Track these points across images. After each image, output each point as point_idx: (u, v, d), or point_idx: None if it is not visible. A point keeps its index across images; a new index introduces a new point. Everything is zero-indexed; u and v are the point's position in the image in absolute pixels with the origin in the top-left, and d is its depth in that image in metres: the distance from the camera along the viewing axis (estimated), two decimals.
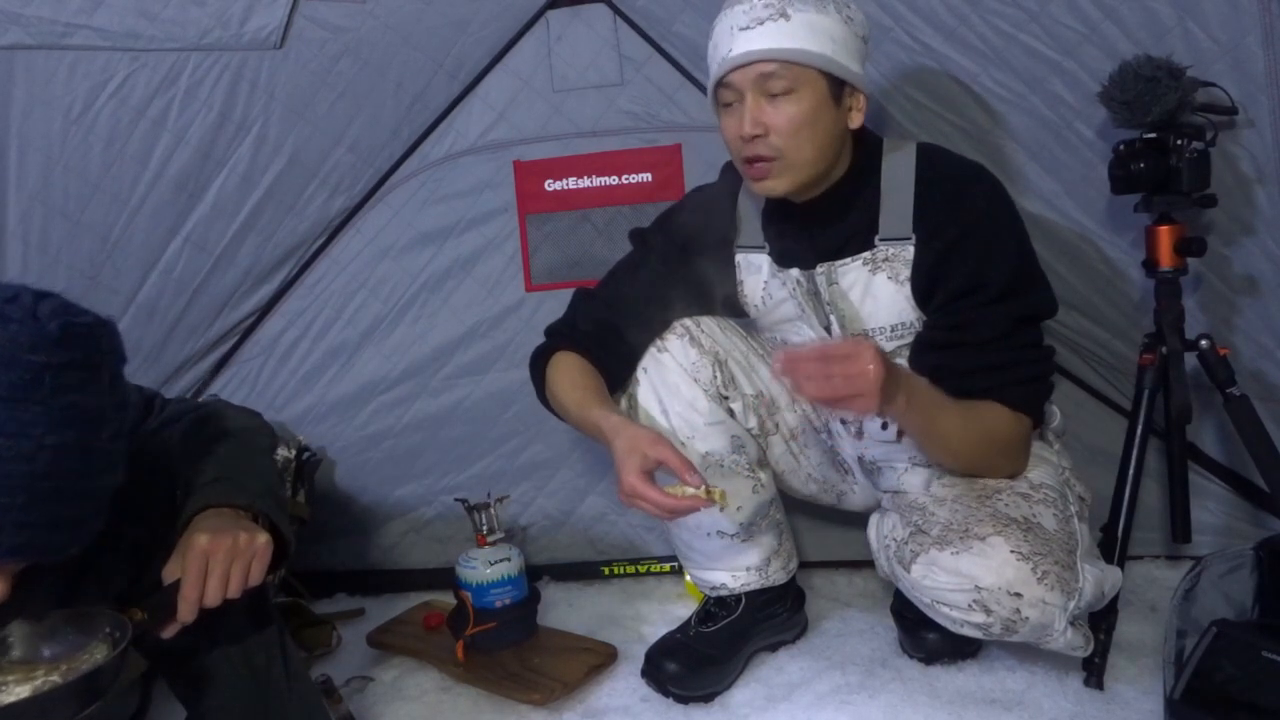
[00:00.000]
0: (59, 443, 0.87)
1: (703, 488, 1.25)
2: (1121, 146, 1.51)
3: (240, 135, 1.82)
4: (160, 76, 1.75)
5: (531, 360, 1.54)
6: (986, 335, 1.35)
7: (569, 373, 1.46)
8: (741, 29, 1.32)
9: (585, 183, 1.91)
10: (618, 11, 1.84)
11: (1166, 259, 1.51)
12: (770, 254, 1.52)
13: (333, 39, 1.78)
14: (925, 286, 1.39)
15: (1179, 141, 1.46)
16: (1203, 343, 1.51)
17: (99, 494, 0.94)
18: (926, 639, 1.50)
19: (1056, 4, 1.59)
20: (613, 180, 1.90)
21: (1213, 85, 1.51)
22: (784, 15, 1.31)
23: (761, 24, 1.31)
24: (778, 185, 1.38)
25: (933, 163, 1.42)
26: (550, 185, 1.92)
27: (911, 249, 1.40)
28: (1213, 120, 1.51)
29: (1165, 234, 1.51)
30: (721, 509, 1.33)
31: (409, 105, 1.87)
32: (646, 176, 1.89)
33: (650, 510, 1.26)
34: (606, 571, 2.00)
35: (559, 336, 1.52)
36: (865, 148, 1.44)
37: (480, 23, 1.82)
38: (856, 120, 1.40)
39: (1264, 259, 1.63)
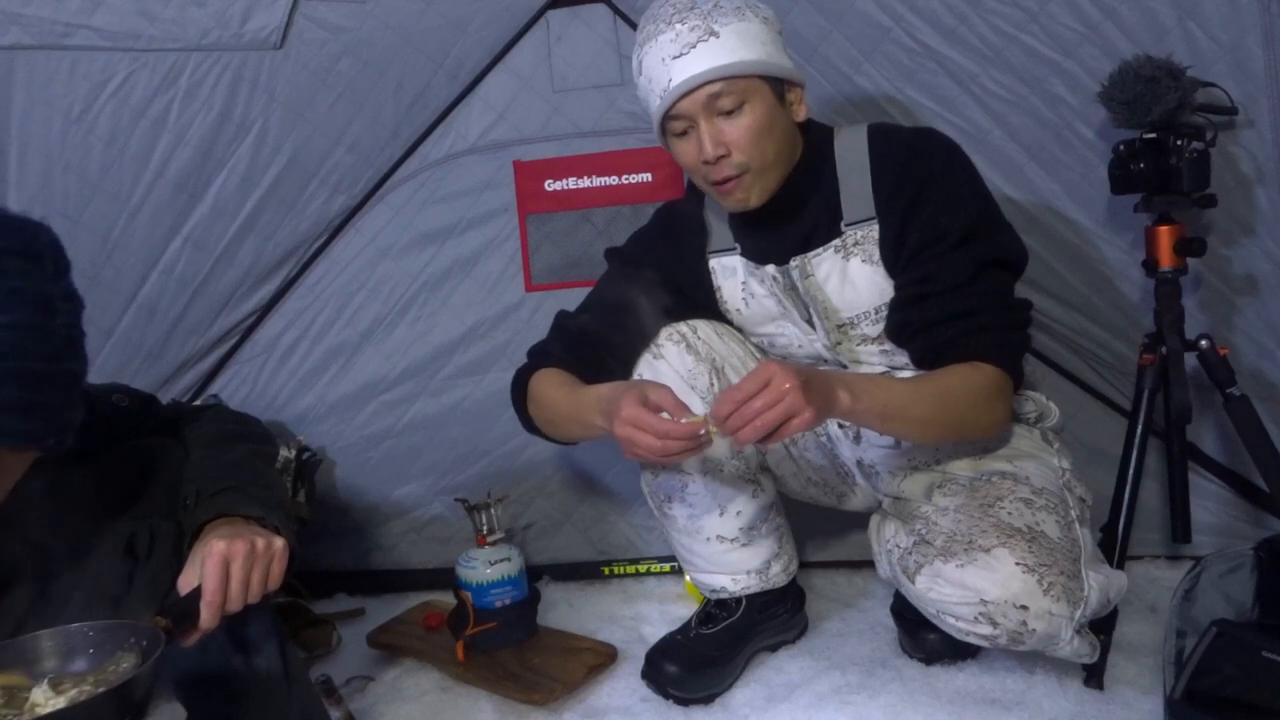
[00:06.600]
0: (10, 322, 0.88)
1: (701, 417, 1.20)
2: (1121, 146, 1.51)
3: (240, 135, 1.82)
4: (160, 77, 1.75)
5: (512, 382, 1.53)
6: (950, 282, 1.33)
7: (552, 380, 1.46)
8: (675, 57, 1.31)
9: (585, 183, 1.91)
10: (618, 11, 1.84)
11: (1166, 259, 1.51)
12: (743, 254, 1.51)
13: (333, 39, 1.77)
14: (893, 256, 1.39)
15: (1179, 141, 1.46)
16: (1203, 343, 1.51)
17: (65, 380, 0.95)
18: (926, 639, 1.50)
19: (1056, 4, 1.59)
20: (613, 180, 1.90)
21: (1213, 85, 1.51)
22: (712, 33, 1.30)
23: (694, 48, 1.30)
24: (751, 197, 1.39)
25: (883, 138, 1.42)
26: (550, 185, 1.91)
27: (878, 227, 1.40)
28: (1213, 120, 1.51)
29: (1165, 234, 1.51)
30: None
31: (409, 105, 1.86)
32: (646, 176, 1.89)
33: (649, 443, 1.20)
34: (606, 571, 2.00)
35: (539, 357, 1.52)
36: (814, 137, 1.44)
37: (480, 23, 1.82)
38: (801, 113, 1.40)
39: (1264, 259, 1.63)
